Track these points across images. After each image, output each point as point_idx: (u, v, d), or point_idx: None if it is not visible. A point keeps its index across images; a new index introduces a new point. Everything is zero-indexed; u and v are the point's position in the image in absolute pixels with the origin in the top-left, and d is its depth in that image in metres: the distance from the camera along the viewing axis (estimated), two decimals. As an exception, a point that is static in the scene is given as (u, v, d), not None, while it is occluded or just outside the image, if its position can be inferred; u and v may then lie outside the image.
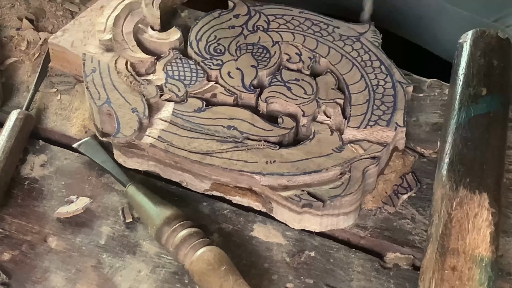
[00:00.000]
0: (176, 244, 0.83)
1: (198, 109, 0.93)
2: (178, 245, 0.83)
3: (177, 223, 0.84)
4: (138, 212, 0.88)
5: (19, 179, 0.93)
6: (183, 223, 0.84)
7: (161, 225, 0.84)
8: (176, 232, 0.83)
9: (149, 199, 0.87)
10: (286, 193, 0.86)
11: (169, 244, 0.83)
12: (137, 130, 0.90)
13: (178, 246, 0.83)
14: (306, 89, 0.96)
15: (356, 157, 0.88)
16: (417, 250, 0.87)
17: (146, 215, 0.86)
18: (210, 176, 0.89)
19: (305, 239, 0.88)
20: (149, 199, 0.87)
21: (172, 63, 0.98)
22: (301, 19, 1.04)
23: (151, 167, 0.91)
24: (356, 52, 1.00)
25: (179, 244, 0.83)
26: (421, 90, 1.03)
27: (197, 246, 0.82)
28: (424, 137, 0.98)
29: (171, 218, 0.84)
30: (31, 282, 0.84)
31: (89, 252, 0.86)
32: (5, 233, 0.88)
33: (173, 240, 0.83)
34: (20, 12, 1.12)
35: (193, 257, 0.81)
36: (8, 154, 0.90)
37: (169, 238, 0.83)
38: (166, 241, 0.84)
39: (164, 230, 0.84)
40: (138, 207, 0.87)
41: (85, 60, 0.97)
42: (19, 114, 0.94)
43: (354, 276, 0.85)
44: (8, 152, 0.91)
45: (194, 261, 0.81)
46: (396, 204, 0.90)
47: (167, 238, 0.83)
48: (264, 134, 0.91)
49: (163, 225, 0.84)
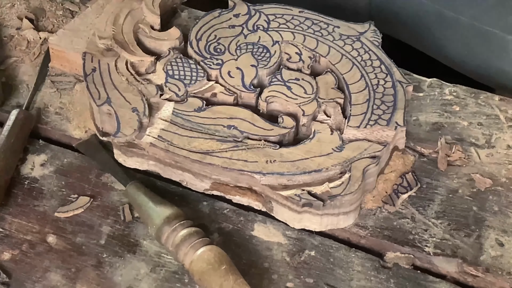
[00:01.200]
0: (176, 243, 0.83)
1: (198, 108, 0.93)
2: (178, 244, 0.83)
3: (177, 222, 0.84)
4: (138, 212, 0.88)
5: (19, 179, 0.93)
6: (183, 222, 0.84)
7: (161, 225, 0.84)
8: (176, 232, 0.83)
9: (149, 198, 0.87)
10: (286, 193, 0.86)
11: (169, 243, 0.83)
12: (137, 129, 0.90)
13: (178, 246, 0.83)
14: (306, 88, 0.96)
15: (357, 156, 0.88)
16: (417, 250, 0.87)
17: (146, 215, 0.86)
18: (210, 176, 0.89)
19: (305, 238, 0.88)
20: (149, 198, 0.87)
21: (172, 62, 0.98)
22: (301, 18, 1.04)
23: (151, 166, 0.91)
24: (356, 52, 1.00)
25: (179, 243, 0.83)
26: (421, 89, 1.03)
27: (197, 245, 0.82)
28: (424, 137, 0.98)
29: (171, 217, 0.84)
30: (31, 281, 0.84)
31: (89, 251, 0.86)
32: (5, 233, 0.88)
33: (173, 240, 0.83)
34: (20, 11, 1.12)
35: (193, 256, 0.81)
36: (8, 153, 0.90)
37: (169, 237, 0.83)
38: (166, 240, 0.84)
39: (164, 230, 0.84)
40: (138, 207, 0.87)
41: (85, 59, 0.97)
42: (19, 113, 0.95)
43: (354, 276, 0.85)
44: (9, 151, 0.91)
45: (194, 261, 0.81)
46: (396, 203, 0.90)
47: (167, 238, 0.83)
48: (264, 133, 0.91)
49: (163, 225, 0.84)
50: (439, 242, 0.87)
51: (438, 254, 0.86)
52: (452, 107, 1.01)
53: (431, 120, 0.99)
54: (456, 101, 1.02)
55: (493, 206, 0.91)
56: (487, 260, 0.86)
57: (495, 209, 0.91)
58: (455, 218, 0.90)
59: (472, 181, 0.93)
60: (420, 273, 0.85)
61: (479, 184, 0.93)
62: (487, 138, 0.98)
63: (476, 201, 0.91)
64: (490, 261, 0.86)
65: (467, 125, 0.99)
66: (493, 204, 0.91)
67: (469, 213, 0.90)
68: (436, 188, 0.92)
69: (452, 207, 0.91)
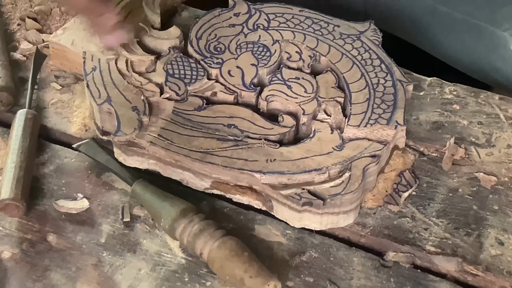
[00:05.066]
0: (194, 233, 0.83)
1: (199, 107, 0.93)
2: (197, 234, 0.83)
3: (193, 214, 0.85)
4: (148, 208, 0.88)
5: (20, 178, 0.93)
6: (199, 214, 0.85)
7: (177, 217, 0.84)
8: (193, 223, 0.84)
9: (159, 194, 0.87)
10: (286, 192, 0.86)
11: (186, 234, 0.84)
12: (137, 128, 0.90)
13: (196, 235, 0.83)
14: (307, 87, 0.96)
15: (357, 155, 0.88)
16: (417, 249, 0.87)
17: (158, 210, 0.86)
18: (210, 175, 0.89)
19: (305, 237, 0.88)
20: (159, 194, 0.87)
21: (173, 61, 0.98)
22: (301, 17, 1.04)
23: (151, 165, 0.91)
24: (356, 51, 1.00)
25: (197, 233, 0.83)
26: (421, 88, 1.03)
27: (217, 234, 0.83)
28: (424, 136, 0.98)
29: (187, 210, 0.85)
30: (31, 281, 0.84)
31: (90, 250, 0.86)
32: (5, 232, 0.88)
33: (191, 230, 0.83)
34: (23, 11, 1.12)
35: (214, 244, 0.82)
36: (27, 154, 0.90)
37: (186, 228, 0.84)
38: (182, 232, 0.84)
39: (180, 222, 0.84)
40: (148, 203, 0.87)
41: (86, 58, 0.97)
42: (27, 114, 0.94)
43: (354, 275, 0.85)
44: (27, 153, 0.90)
45: (215, 248, 0.82)
46: (399, 202, 0.90)
47: (183, 229, 0.84)
48: (265, 132, 0.91)
49: (179, 217, 0.84)
50: (439, 241, 0.87)
51: (438, 253, 0.86)
52: (452, 106, 1.01)
53: (431, 119, 0.99)
54: (456, 100, 1.02)
55: (493, 205, 0.91)
56: (487, 259, 0.86)
57: (495, 208, 0.91)
58: (455, 217, 0.90)
59: (472, 180, 0.93)
60: (420, 272, 0.85)
61: (484, 182, 0.93)
62: (487, 137, 0.98)
63: (476, 200, 0.91)
64: (490, 260, 0.86)
65: (467, 124, 0.99)
66: (493, 203, 0.91)
67: (469, 212, 0.90)
68: (436, 187, 0.92)
69: (452, 206, 0.91)
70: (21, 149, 0.90)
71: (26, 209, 0.87)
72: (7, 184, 0.86)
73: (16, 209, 0.86)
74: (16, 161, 0.89)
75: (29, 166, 0.90)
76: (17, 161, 0.89)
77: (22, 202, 0.86)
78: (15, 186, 0.86)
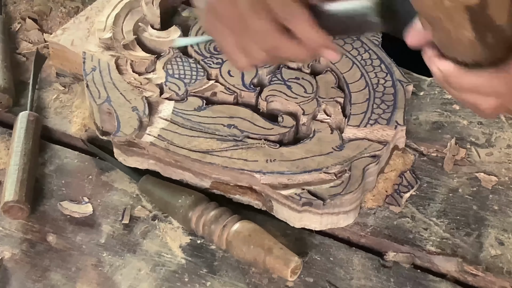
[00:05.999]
0: (212, 219, 0.85)
1: (198, 107, 0.93)
2: (215, 219, 0.85)
3: (206, 202, 0.87)
4: (157, 201, 0.89)
5: (19, 178, 0.93)
6: (212, 202, 0.87)
7: (193, 205, 0.86)
8: (209, 209, 0.86)
9: (169, 186, 0.89)
10: (286, 192, 0.86)
11: (202, 221, 0.85)
12: (137, 128, 0.90)
13: (214, 221, 0.85)
14: (306, 87, 0.96)
15: (357, 155, 0.88)
16: (417, 249, 0.87)
17: (169, 202, 0.88)
18: (210, 175, 0.89)
19: (305, 237, 0.88)
20: (169, 186, 0.89)
21: (172, 61, 0.98)
22: (301, 17, 1.04)
23: (151, 165, 0.91)
24: (356, 51, 1.00)
25: (216, 219, 0.85)
26: (421, 88, 1.03)
27: (235, 219, 0.85)
28: (424, 136, 0.98)
29: (200, 199, 0.87)
30: (31, 281, 0.84)
31: (89, 250, 0.86)
32: (5, 232, 0.88)
33: (208, 216, 0.85)
34: (24, 11, 1.12)
35: (234, 227, 0.84)
36: (30, 157, 0.90)
37: (202, 214, 0.85)
38: (198, 219, 0.85)
39: (196, 210, 0.86)
40: (158, 196, 0.89)
41: (85, 58, 0.97)
42: (29, 116, 0.94)
43: (354, 275, 0.85)
44: (30, 155, 0.90)
45: (237, 231, 0.84)
46: (400, 203, 0.90)
47: (199, 216, 0.85)
48: (264, 132, 0.91)
49: (195, 205, 0.86)
50: (439, 241, 0.87)
51: (438, 253, 0.86)
52: (452, 106, 1.01)
53: (431, 119, 0.99)
54: (456, 100, 1.02)
55: (493, 205, 0.91)
56: (487, 259, 0.86)
57: (495, 208, 0.91)
58: (455, 217, 0.90)
59: (472, 180, 0.93)
60: (420, 272, 0.85)
61: (484, 182, 0.93)
62: (487, 137, 0.98)
63: (476, 200, 0.91)
64: (490, 260, 0.86)
65: (467, 124, 0.99)
66: (493, 203, 0.91)
67: (469, 212, 0.90)
68: (436, 187, 0.92)
69: (452, 206, 0.91)
70: (24, 151, 0.90)
71: (30, 211, 0.87)
72: (11, 187, 0.87)
73: (20, 211, 0.86)
74: (19, 163, 0.89)
75: (32, 168, 0.90)
76: (20, 163, 0.89)
77: (26, 204, 0.86)
78: (19, 189, 0.86)
